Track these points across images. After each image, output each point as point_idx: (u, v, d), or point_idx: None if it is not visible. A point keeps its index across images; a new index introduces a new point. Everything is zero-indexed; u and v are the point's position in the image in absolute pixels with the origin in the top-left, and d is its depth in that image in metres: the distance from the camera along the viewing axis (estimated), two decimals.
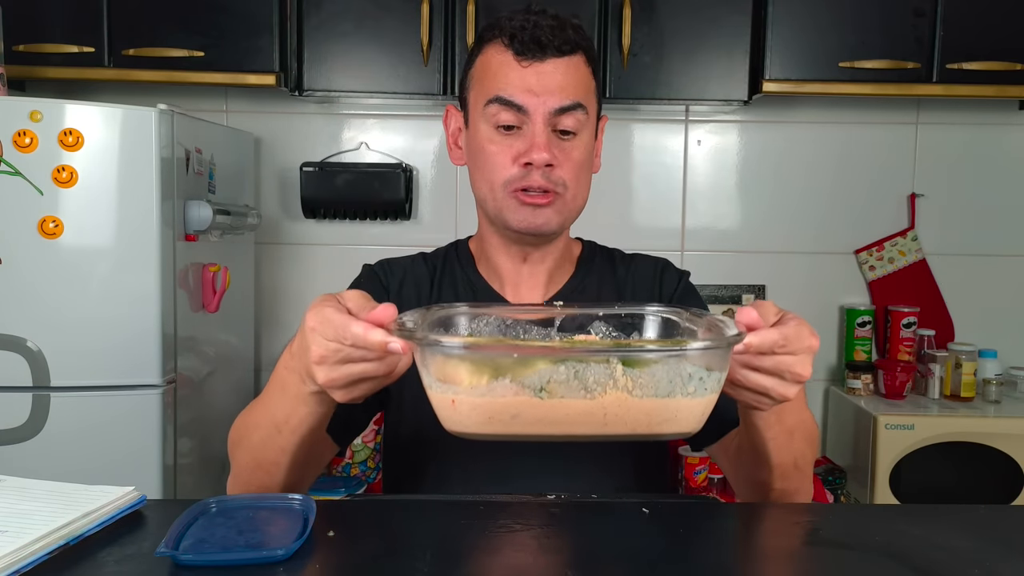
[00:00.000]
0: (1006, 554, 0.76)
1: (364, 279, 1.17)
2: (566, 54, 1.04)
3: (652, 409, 0.66)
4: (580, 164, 1.07)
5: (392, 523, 0.83)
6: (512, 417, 0.65)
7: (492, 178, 1.06)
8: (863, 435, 2.18)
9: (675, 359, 0.66)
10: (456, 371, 0.66)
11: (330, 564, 0.72)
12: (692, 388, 0.66)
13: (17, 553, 0.68)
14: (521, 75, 1.03)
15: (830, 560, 0.76)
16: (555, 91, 1.03)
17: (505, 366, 0.65)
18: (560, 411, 0.65)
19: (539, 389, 0.65)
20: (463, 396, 0.65)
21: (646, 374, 0.65)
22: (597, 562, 0.74)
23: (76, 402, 1.70)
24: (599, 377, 0.65)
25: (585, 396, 0.65)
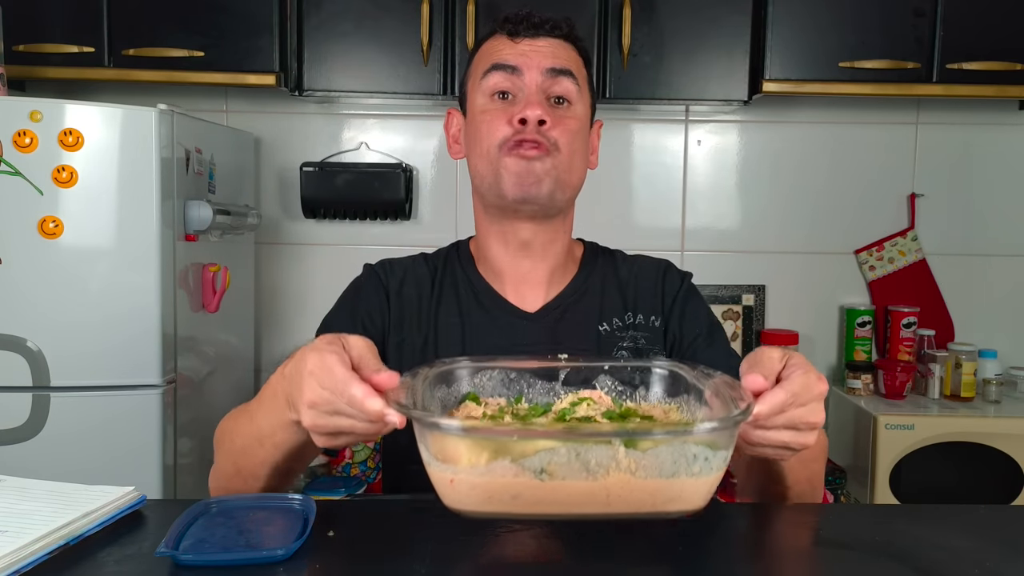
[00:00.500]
0: (1006, 554, 0.76)
1: (364, 279, 1.17)
2: (557, 37, 1.09)
3: (656, 489, 0.64)
4: (574, 132, 1.08)
5: (392, 523, 0.82)
6: (512, 498, 0.63)
7: (487, 144, 1.06)
8: (863, 435, 2.18)
9: (680, 440, 0.64)
10: (455, 450, 0.64)
11: (330, 564, 0.72)
12: (697, 468, 0.64)
13: (17, 553, 0.68)
14: (515, 46, 1.08)
15: (830, 560, 0.76)
16: (547, 55, 1.07)
17: (504, 447, 0.63)
18: (561, 493, 0.63)
19: (539, 471, 0.63)
20: (462, 476, 0.63)
21: (650, 455, 0.63)
22: (597, 562, 0.73)
23: (76, 402, 1.70)
24: (601, 459, 0.63)
25: (587, 478, 0.63)
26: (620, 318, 1.13)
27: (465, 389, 0.81)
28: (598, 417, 0.75)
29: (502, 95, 1.07)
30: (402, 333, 1.11)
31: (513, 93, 1.07)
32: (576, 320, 1.12)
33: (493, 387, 0.83)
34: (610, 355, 1.10)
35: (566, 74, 1.07)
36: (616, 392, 0.83)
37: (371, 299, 1.13)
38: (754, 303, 2.47)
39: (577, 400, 0.79)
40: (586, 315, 1.13)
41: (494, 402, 0.82)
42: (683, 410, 0.79)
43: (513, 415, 0.77)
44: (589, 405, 0.78)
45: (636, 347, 1.11)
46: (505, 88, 1.07)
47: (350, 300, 1.15)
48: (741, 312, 2.47)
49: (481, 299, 1.14)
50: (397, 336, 1.11)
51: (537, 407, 0.79)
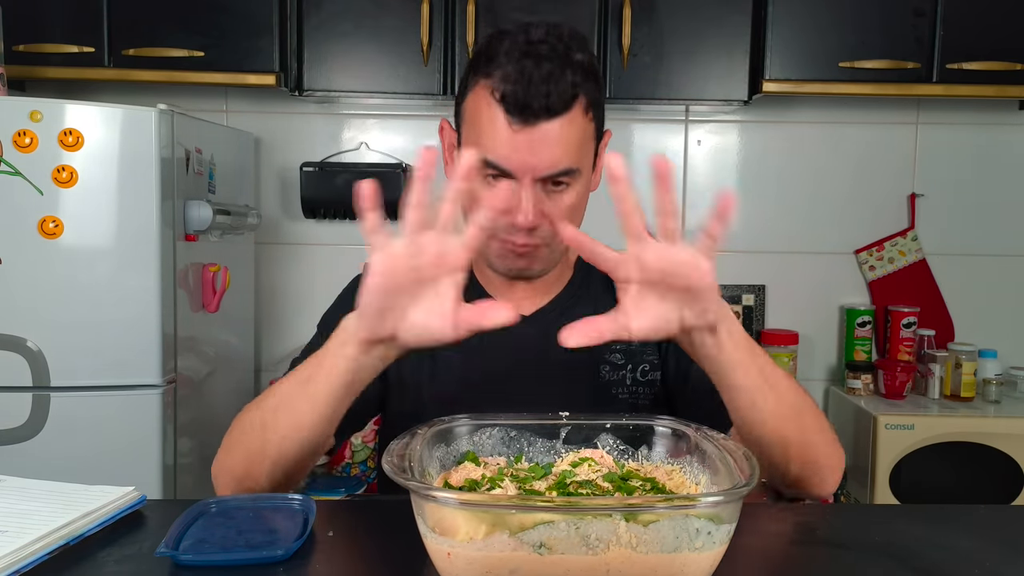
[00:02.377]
0: (1006, 554, 0.76)
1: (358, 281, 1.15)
2: (559, 113, 0.97)
3: (658, 564, 0.62)
4: (571, 209, 1.02)
5: (392, 523, 0.82)
6: (511, 572, 0.62)
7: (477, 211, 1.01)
8: (863, 435, 2.18)
9: (682, 513, 0.62)
10: (452, 523, 0.63)
11: (330, 564, 0.72)
12: (700, 543, 0.63)
13: (17, 553, 0.69)
14: (512, 140, 0.97)
15: (830, 560, 0.76)
16: (546, 159, 0.97)
17: (502, 519, 0.62)
18: (560, 567, 0.61)
19: (538, 545, 0.61)
20: (459, 550, 0.62)
21: (651, 530, 0.61)
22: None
23: (76, 402, 1.70)
24: (601, 534, 0.61)
25: (587, 552, 0.61)
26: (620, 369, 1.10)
27: (464, 448, 0.80)
28: (599, 481, 0.74)
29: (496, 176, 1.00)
30: None
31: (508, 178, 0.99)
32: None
33: (493, 445, 0.82)
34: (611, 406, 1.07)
35: (565, 174, 0.99)
36: (618, 451, 0.82)
37: None
38: (754, 303, 2.47)
39: (578, 460, 0.78)
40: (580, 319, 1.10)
41: (493, 462, 0.80)
42: (685, 471, 0.78)
43: (513, 476, 0.75)
44: (590, 466, 0.77)
45: (629, 349, 1.10)
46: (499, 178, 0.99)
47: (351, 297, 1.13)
48: (741, 312, 2.47)
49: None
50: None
51: (537, 467, 0.78)
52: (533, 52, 0.97)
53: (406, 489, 0.65)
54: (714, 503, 0.63)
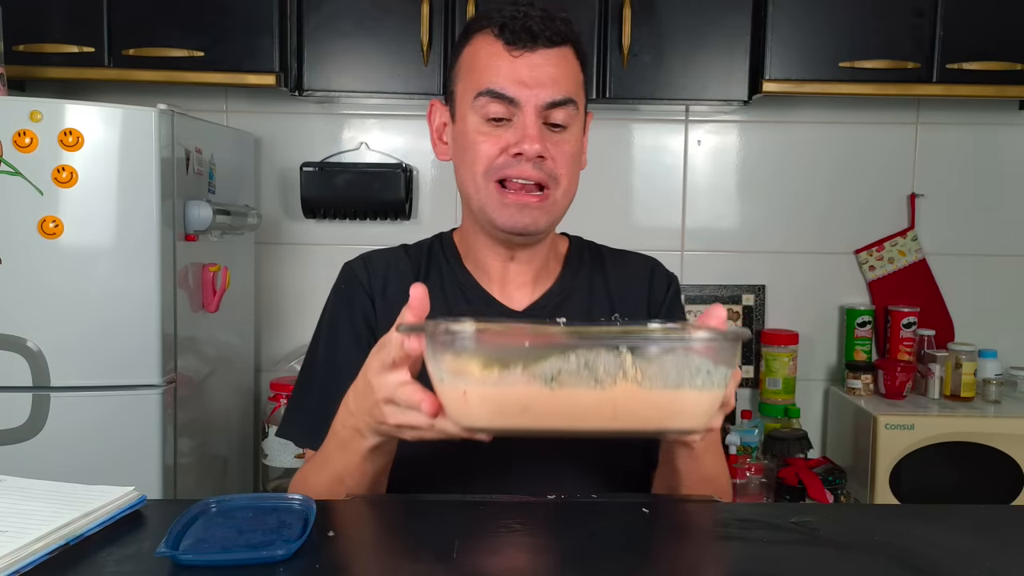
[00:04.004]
0: (1006, 554, 0.76)
1: (345, 284, 1.13)
2: (556, 44, 1.02)
3: (661, 402, 0.66)
4: (572, 158, 1.05)
5: (392, 523, 0.82)
6: (523, 410, 0.65)
7: (477, 168, 1.03)
8: (863, 435, 2.18)
9: (684, 350, 0.66)
10: (468, 362, 0.66)
11: (330, 564, 0.72)
12: (700, 381, 0.66)
13: (17, 553, 0.69)
14: (512, 66, 1.01)
15: (830, 560, 0.76)
16: (547, 84, 1.01)
17: (516, 356, 0.64)
18: (570, 403, 0.65)
19: (550, 379, 0.64)
20: (474, 387, 0.65)
21: (656, 364, 0.65)
22: (597, 562, 0.73)
23: (76, 402, 1.70)
24: (609, 367, 0.64)
25: (595, 387, 0.64)
26: (606, 318, 1.12)
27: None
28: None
29: (496, 120, 1.02)
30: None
31: (508, 118, 1.02)
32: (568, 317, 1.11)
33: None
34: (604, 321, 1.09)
35: (566, 103, 1.02)
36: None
37: (362, 302, 1.10)
38: (754, 303, 2.47)
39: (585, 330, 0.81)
40: (573, 315, 1.11)
41: None
42: None
43: None
44: None
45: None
46: (500, 115, 1.02)
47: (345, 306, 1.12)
48: (741, 312, 2.47)
49: (469, 296, 1.12)
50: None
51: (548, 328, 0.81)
52: (525, 6, 1.03)
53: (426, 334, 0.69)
54: (711, 338, 0.67)
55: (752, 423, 2.32)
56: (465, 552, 0.75)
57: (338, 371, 1.03)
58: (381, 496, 1.00)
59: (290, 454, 2.11)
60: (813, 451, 2.30)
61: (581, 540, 0.79)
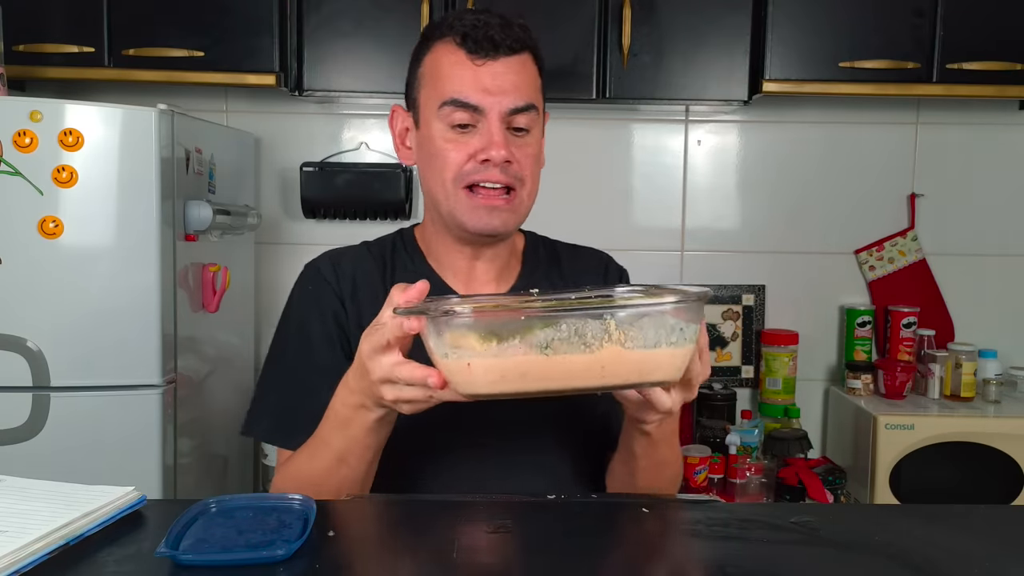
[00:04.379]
0: (1006, 554, 0.77)
1: (312, 285, 1.14)
2: (516, 52, 1.05)
3: (641, 359, 0.74)
4: (534, 159, 1.09)
5: (392, 523, 0.83)
6: (521, 375, 0.72)
7: (445, 176, 1.06)
8: (863, 435, 2.18)
9: (659, 313, 0.74)
10: (467, 342, 0.72)
11: (330, 564, 0.72)
12: (675, 339, 0.75)
13: (17, 553, 0.69)
14: (475, 74, 1.04)
15: (830, 560, 0.76)
16: (509, 91, 1.04)
17: (513, 329, 0.72)
18: (563, 366, 0.72)
19: (544, 347, 0.71)
20: (477, 359, 0.72)
21: (636, 327, 0.73)
22: (596, 562, 0.74)
23: (76, 402, 1.70)
24: (596, 333, 0.72)
25: (585, 351, 0.72)
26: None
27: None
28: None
29: (461, 127, 1.05)
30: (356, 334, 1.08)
31: (473, 124, 1.05)
32: None
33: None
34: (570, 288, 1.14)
35: (527, 109, 1.06)
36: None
37: (331, 302, 1.11)
38: (754, 303, 2.47)
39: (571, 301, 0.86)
40: None
41: None
42: None
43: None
44: None
45: None
46: (465, 122, 1.05)
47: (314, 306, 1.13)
48: (741, 312, 2.47)
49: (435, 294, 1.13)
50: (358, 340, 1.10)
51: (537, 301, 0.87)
52: (480, 11, 1.08)
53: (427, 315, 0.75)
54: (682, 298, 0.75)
55: (752, 423, 2.32)
56: (465, 552, 0.75)
57: (313, 369, 1.07)
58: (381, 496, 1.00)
59: None
60: (813, 451, 2.30)
61: (581, 540, 0.79)
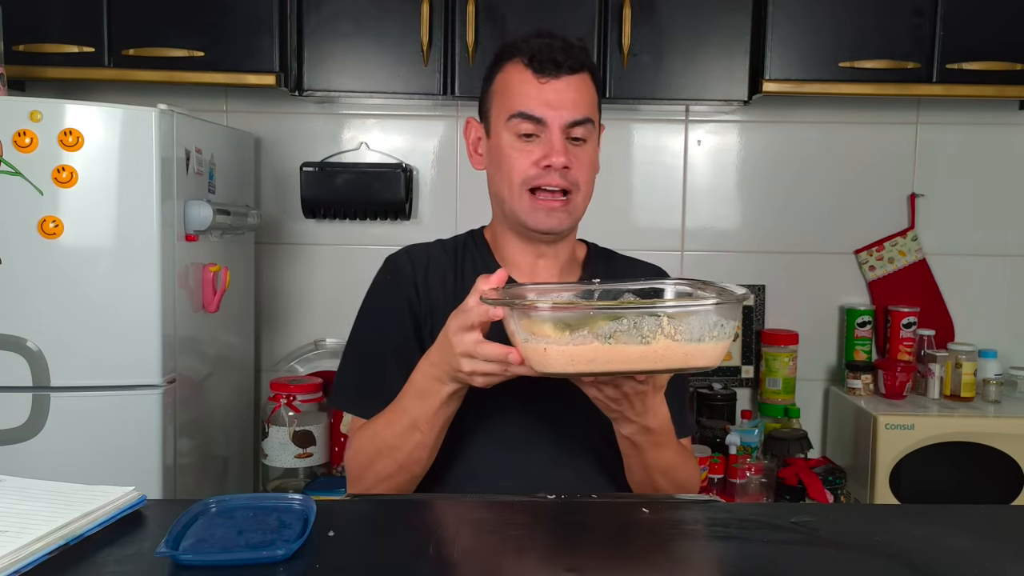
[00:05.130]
0: (1006, 554, 0.77)
1: (392, 275, 1.25)
2: (576, 72, 1.19)
3: (688, 350, 0.86)
4: (590, 166, 1.22)
5: (392, 523, 0.83)
6: (589, 361, 0.84)
7: (512, 177, 1.19)
8: (863, 435, 2.18)
9: (704, 312, 0.86)
10: (543, 330, 0.86)
11: (330, 564, 0.72)
12: (716, 333, 0.87)
13: (17, 553, 0.69)
14: (540, 91, 1.17)
15: (830, 560, 0.76)
16: (569, 106, 1.17)
17: (583, 321, 0.84)
18: (623, 354, 0.85)
19: (608, 337, 0.84)
20: (552, 346, 0.85)
21: (684, 323, 0.85)
22: (597, 562, 0.74)
23: (76, 402, 1.70)
24: (651, 327, 0.84)
25: (641, 342, 0.84)
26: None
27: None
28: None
29: (527, 136, 1.19)
30: (432, 321, 1.20)
31: (537, 135, 1.18)
32: None
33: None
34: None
35: (585, 122, 1.19)
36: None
37: (407, 290, 1.22)
38: (754, 303, 2.47)
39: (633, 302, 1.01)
40: None
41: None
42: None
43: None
44: None
45: None
46: (530, 132, 1.18)
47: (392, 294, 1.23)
48: (741, 312, 2.47)
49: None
50: (428, 325, 1.20)
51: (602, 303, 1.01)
52: (547, 35, 1.21)
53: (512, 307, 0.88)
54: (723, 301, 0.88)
55: (752, 423, 2.32)
56: (465, 552, 0.75)
57: (391, 348, 1.19)
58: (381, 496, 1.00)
59: (290, 454, 2.11)
60: (813, 451, 2.30)
61: (581, 540, 0.79)
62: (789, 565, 0.76)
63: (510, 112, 1.19)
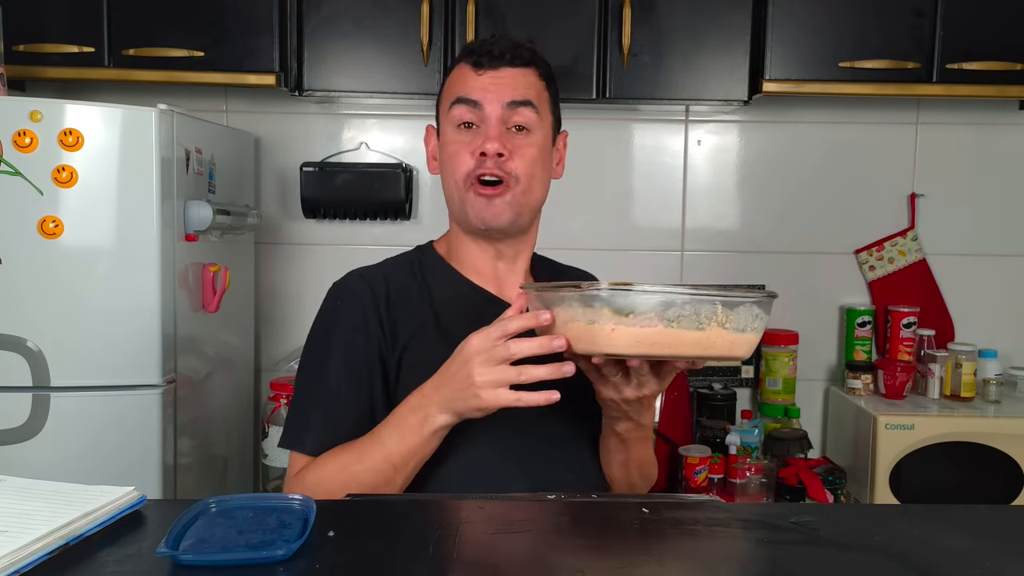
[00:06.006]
0: (1006, 554, 0.77)
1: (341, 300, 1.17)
2: (516, 65, 1.16)
3: (733, 340, 0.92)
4: (533, 159, 1.15)
5: (392, 523, 0.83)
6: (652, 343, 0.90)
7: (455, 174, 1.15)
8: (863, 435, 2.18)
9: (750, 304, 0.92)
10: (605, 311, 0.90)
11: (330, 564, 0.72)
12: (756, 325, 0.94)
13: (17, 553, 0.69)
14: (478, 79, 1.15)
15: (830, 560, 0.76)
16: (507, 88, 1.14)
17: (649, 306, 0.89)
18: (681, 338, 0.90)
19: (671, 321, 0.89)
20: (620, 327, 0.89)
21: (735, 313, 0.92)
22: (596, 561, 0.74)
23: (76, 402, 1.70)
24: (708, 315, 0.90)
25: (697, 328, 0.90)
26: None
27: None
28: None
29: (467, 125, 1.15)
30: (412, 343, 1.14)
31: (476, 123, 1.15)
32: None
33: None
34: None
35: (525, 104, 1.14)
36: None
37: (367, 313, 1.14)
38: None
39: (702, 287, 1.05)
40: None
41: None
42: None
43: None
44: None
45: None
46: (469, 119, 1.15)
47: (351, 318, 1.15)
48: None
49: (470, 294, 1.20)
50: (397, 351, 1.14)
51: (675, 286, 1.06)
52: (499, 37, 1.21)
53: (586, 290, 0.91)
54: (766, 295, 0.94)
55: (752, 423, 2.32)
56: (465, 552, 0.75)
57: (359, 379, 1.12)
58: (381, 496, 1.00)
59: None
60: (813, 451, 2.30)
61: (581, 540, 0.79)
62: (789, 565, 0.76)
63: (449, 101, 1.16)
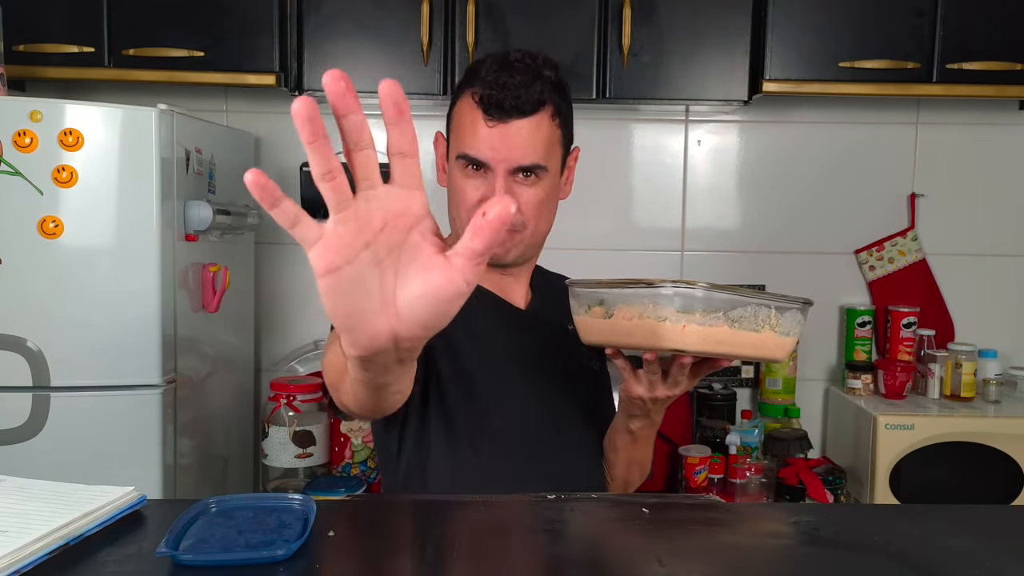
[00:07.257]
0: (1006, 554, 0.77)
1: None
2: (529, 114, 1.12)
3: (779, 343, 0.99)
4: (540, 203, 1.17)
5: (392, 523, 0.83)
6: (717, 342, 0.95)
7: (461, 210, 1.18)
8: (863, 435, 2.18)
9: (795, 310, 1.00)
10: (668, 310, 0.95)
11: (330, 564, 0.72)
12: (797, 330, 1.01)
13: (17, 553, 0.69)
14: (487, 134, 1.12)
15: (830, 560, 0.76)
16: (516, 150, 1.12)
17: (719, 306, 0.95)
18: (740, 339, 0.96)
19: (734, 322, 0.95)
20: (691, 325, 0.95)
21: (784, 317, 0.98)
22: (597, 561, 0.74)
23: (76, 402, 1.70)
24: (765, 317, 0.96)
25: (755, 330, 0.96)
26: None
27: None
28: None
29: (475, 167, 1.15)
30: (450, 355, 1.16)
31: (483, 173, 1.14)
32: (556, 319, 1.23)
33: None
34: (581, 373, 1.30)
35: (534, 168, 1.14)
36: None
37: None
38: None
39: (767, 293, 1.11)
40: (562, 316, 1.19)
41: None
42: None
43: None
44: None
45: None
46: (476, 174, 1.15)
47: None
48: None
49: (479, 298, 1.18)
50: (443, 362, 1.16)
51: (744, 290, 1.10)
52: (508, 67, 1.13)
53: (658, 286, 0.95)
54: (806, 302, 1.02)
55: (752, 423, 2.32)
56: (465, 552, 0.75)
57: None
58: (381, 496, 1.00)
59: (290, 454, 2.11)
60: (813, 451, 2.30)
61: (581, 539, 0.79)
62: (789, 565, 0.76)
63: (457, 151, 1.16)
